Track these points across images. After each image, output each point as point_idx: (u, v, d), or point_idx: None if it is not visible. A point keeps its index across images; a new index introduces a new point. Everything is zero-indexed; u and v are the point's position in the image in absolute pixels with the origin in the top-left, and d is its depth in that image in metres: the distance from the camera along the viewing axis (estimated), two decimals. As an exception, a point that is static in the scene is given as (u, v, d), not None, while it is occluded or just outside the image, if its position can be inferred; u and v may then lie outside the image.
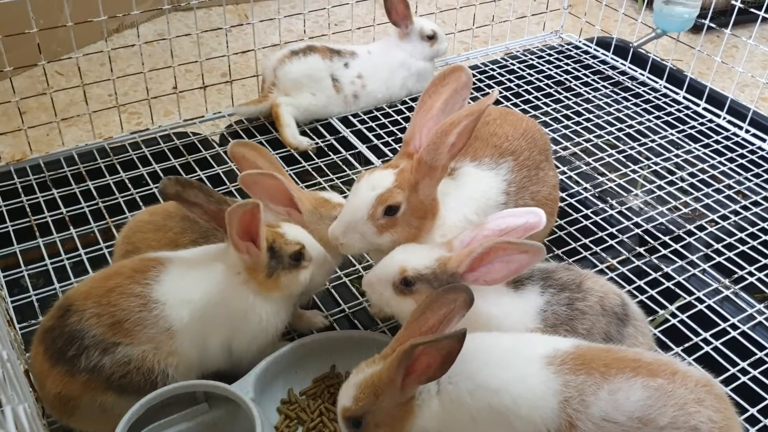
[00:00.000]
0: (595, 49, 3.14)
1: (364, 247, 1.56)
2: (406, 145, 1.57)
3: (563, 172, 2.36)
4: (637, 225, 2.15)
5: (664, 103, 2.80)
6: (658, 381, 1.22)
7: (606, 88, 2.90)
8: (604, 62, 3.07)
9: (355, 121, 2.58)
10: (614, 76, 2.97)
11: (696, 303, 1.90)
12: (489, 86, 2.84)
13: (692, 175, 2.41)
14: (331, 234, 1.55)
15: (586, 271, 1.55)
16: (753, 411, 1.63)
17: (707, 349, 1.77)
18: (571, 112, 2.71)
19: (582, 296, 1.48)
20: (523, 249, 1.37)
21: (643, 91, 2.87)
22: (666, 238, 2.11)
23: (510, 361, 1.30)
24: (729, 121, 2.68)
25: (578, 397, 1.23)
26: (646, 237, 2.12)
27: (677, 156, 2.51)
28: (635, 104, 2.80)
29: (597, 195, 2.28)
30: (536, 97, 2.79)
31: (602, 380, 1.23)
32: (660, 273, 1.98)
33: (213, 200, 1.49)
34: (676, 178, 2.40)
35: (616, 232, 2.12)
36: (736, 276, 1.99)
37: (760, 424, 1.61)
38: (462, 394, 1.28)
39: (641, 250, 2.06)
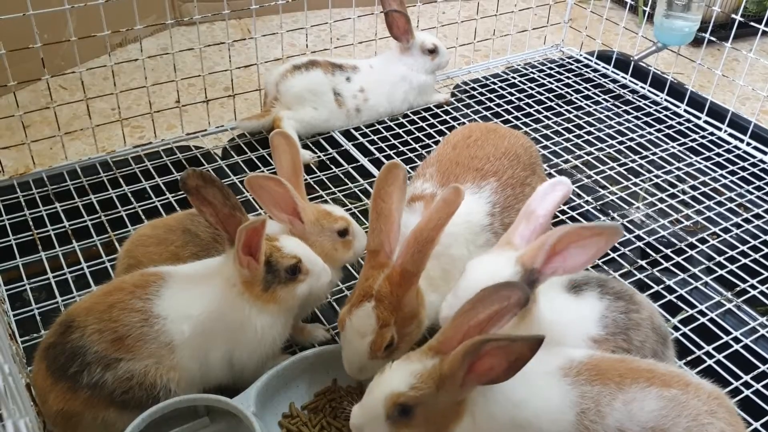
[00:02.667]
0: (596, 63, 3.15)
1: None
2: (375, 255, 1.47)
3: (565, 185, 2.36)
4: (639, 238, 2.15)
5: (665, 116, 2.81)
6: (672, 391, 1.22)
7: (607, 101, 2.91)
8: (605, 75, 3.08)
9: (357, 134, 2.59)
10: (615, 90, 2.98)
11: (698, 316, 1.89)
12: (491, 99, 2.85)
13: (694, 188, 2.41)
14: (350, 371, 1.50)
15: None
16: (756, 425, 1.62)
17: (710, 362, 1.76)
18: (572, 125, 2.72)
19: (636, 308, 1.47)
20: (598, 232, 1.29)
21: (644, 104, 2.88)
22: (668, 251, 2.11)
23: (529, 372, 1.23)
24: (730, 134, 2.68)
25: (594, 408, 1.22)
26: (648, 250, 2.12)
27: (678, 169, 2.51)
28: (636, 117, 2.81)
29: (598, 208, 2.28)
30: (537, 111, 2.80)
31: (617, 390, 1.23)
32: (662, 286, 1.97)
33: (229, 204, 1.48)
34: (678, 191, 2.40)
35: (617, 245, 2.11)
36: (738, 289, 1.99)
37: (764, 438, 1.61)
38: (492, 407, 1.25)
39: (643, 263, 2.06)
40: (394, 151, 2.51)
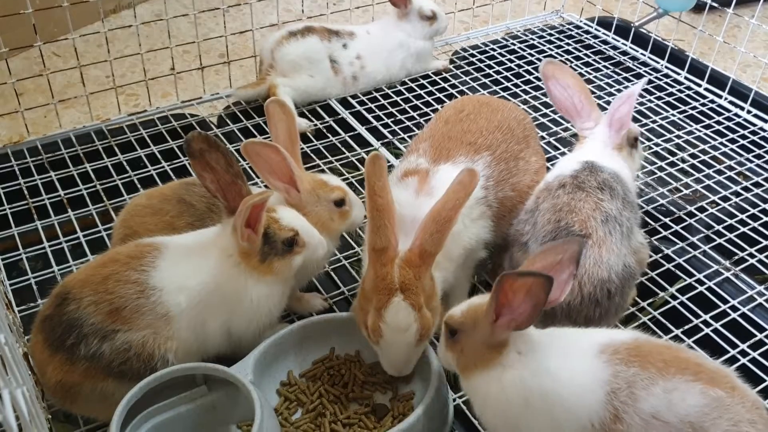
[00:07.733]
0: (596, 29, 3.11)
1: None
2: (383, 252, 1.43)
3: (563, 154, 2.34)
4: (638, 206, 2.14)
5: (666, 83, 2.78)
6: (718, 392, 1.20)
7: (607, 68, 2.88)
8: (605, 42, 3.04)
9: (354, 102, 2.57)
10: (615, 56, 2.94)
11: (696, 285, 1.90)
12: (490, 66, 2.82)
13: (693, 156, 2.40)
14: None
15: None
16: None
17: (707, 330, 1.77)
18: (572, 93, 2.69)
19: None
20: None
21: (645, 71, 2.85)
22: (666, 220, 2.10)
23: (569, 350, 1.30)
24: (730, 102, 2.66)
25: (627, 389, 1.21)
26: (647, 218, 2.11)
27: (678, 137, 2.49)
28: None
29: (597, 176, 2.26)
30: (537, 78, 2.76)
31: (658, 376, 1.21)
32: (660, 254, 1.97)
33: (231, 170, 1.46)
34: (677, 159, 2.39)
35: (616, 214, 2.10)
36: (736, 257, 1.98)
37: (759, 406, 1.61)
38: (523, 370, 1.27)
39: (642, 231, 2.05)
40: (392, 119, 2.49)
